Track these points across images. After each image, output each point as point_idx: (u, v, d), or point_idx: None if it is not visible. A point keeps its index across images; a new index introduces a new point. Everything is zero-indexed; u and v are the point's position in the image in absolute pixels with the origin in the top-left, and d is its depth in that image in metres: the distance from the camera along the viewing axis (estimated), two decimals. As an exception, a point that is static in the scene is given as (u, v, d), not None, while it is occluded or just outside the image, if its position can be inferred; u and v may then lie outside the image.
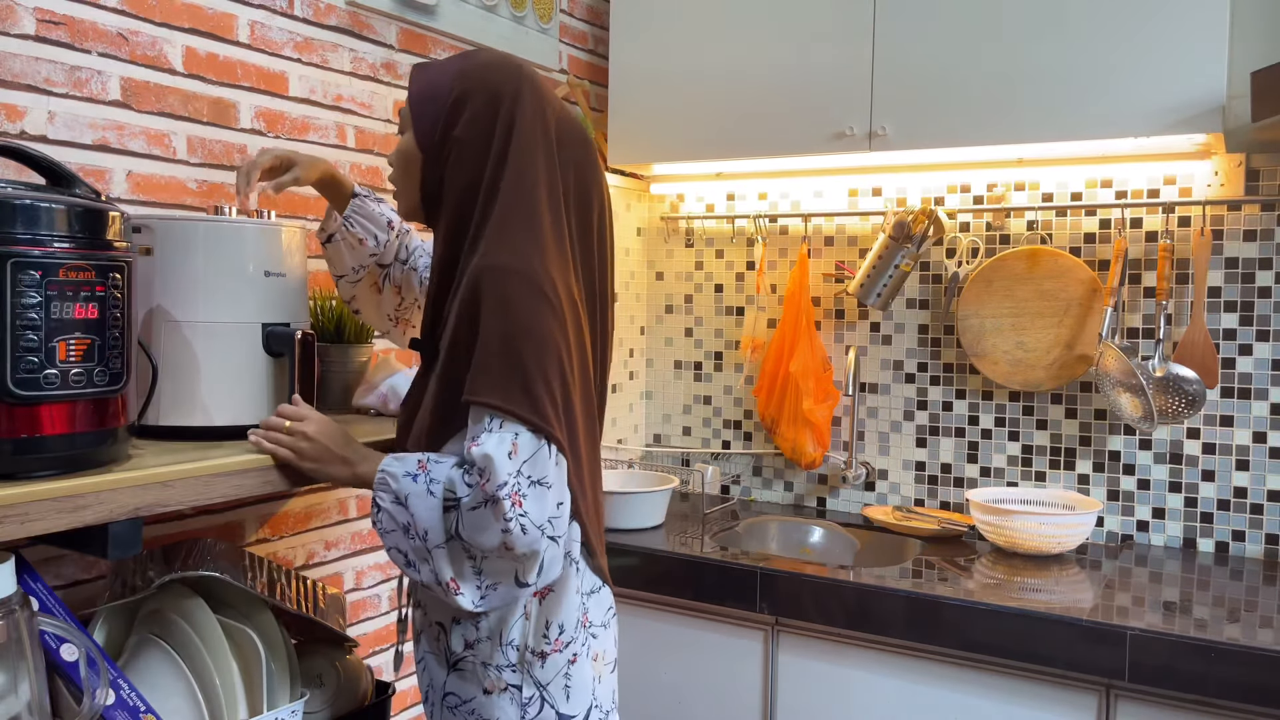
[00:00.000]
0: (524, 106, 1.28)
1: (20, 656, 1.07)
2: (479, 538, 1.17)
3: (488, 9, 2.20)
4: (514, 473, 1.15)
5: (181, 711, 1.30)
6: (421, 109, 1.31)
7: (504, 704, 1.27)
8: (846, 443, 2.47)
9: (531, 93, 1.30)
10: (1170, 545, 2.17)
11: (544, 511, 1.17)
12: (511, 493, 1.15)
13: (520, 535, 1.15)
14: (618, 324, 2.66)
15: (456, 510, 1.18)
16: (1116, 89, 1.92)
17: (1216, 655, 1.56)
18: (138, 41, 1.55)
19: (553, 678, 1.28)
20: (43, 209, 1.05)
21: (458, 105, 1.29)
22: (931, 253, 2.39)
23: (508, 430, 1.17)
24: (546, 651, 1.28)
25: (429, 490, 1.20)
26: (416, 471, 1.22)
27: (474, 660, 1.28)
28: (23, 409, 1.03)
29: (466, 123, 1.28)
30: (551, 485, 1.18)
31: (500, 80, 1.30)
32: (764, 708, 1.96)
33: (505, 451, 1.15)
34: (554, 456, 1.19)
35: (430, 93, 1.31)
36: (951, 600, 1.77)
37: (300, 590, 1.56)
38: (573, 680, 1.30)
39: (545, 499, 1.17)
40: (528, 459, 1.17)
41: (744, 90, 2.28)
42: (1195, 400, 2.05)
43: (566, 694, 1.29)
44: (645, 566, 2.06)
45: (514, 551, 1.17)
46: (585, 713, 1.31)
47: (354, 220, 1.51)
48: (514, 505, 1.15)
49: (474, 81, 1.30)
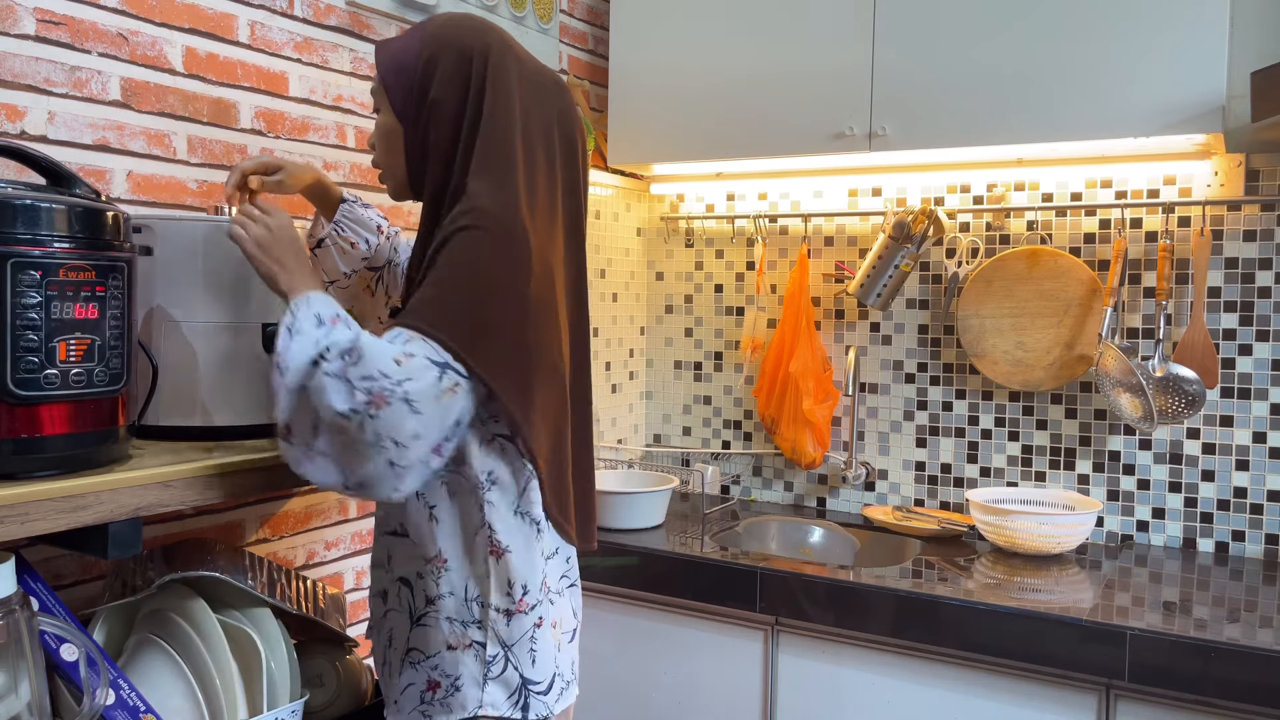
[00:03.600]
0: (494, 58, 1.30)
1: (20, 656, 1.07)
2: (321, 398, 1.14)
3: (487, 9, 2.20)
4: (389, 377, 1.12)
5: (181, 711, 1.30)
6: (395, 81, 1.32)
7: (467, 660, 1.27)
8: (846, 443, 2.47)
9: (499, 44, 1.32)
10: (1170, 545, 2.17)
11: (396, 430, 1.13)
12: (377, 393, 1.12)
13: (357, 431, 1.12)
14: (618, 324, 2.66)
15: (318, 367, 1.16)
16: (1116, 89, 1.92)
17: (1216, 655, 1.56)
18: (138, 41, 1.55)
19: (518, 639, 1.27)
20: (43, 209, 1.05)
21: (429, 68, 1.30)
22: (931, 253, 2.39)
23: (411, 345, 1.15)
24: (512, 610, 1.27)
25: (316, 341, 1.18)
26: (326, 320, 1.21)
27: (436, 615, 1.27)
28: (23, 409, 1.03)
29: (440, 83, 1.29)
30: (421, 414, 1.14)
31: (467, 36, 1.31)
32: (764, 708, 1.96)
33: (392, 355, 1.14)
34: (441, 391, 1.15)
35: (399, 63, 1.32)
36: (951, 600, 1.77)
37: (300, 590, 1.56)
38: (538, 645, 1.29)
39: (405, 422, 1.13)
40: (411, 378, 1.13)
41: (744, 90, 2.28)
42: (1195, 400, 2.05)
43: (532, 658, 1.28)
44: (645, 566, 2.06)
45: (346, 437, 1.13)
46: (549, 680, 1.30)
47: (344, 224, 1.52)
48: (371, 404, 1.11)
49: (441, 42, 1.31)
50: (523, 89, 1.31)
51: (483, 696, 1.26)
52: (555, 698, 1.31)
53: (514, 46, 1.35)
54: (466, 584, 1.27)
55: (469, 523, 1.27)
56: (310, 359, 1.16)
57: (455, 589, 1.27)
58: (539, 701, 1.29)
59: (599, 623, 2.13)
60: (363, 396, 1.11)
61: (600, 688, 2.13)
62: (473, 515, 1.27)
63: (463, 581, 1.27)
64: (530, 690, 1.28)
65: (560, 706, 1.32)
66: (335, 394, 1.12)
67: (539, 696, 1.29)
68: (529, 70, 1.34)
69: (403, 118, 1.33)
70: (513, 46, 1.34)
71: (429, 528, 1.28)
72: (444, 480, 1.27)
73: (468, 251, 1.20)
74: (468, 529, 1.27)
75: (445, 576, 1.27)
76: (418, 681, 1.29)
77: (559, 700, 1.32)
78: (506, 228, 1.21)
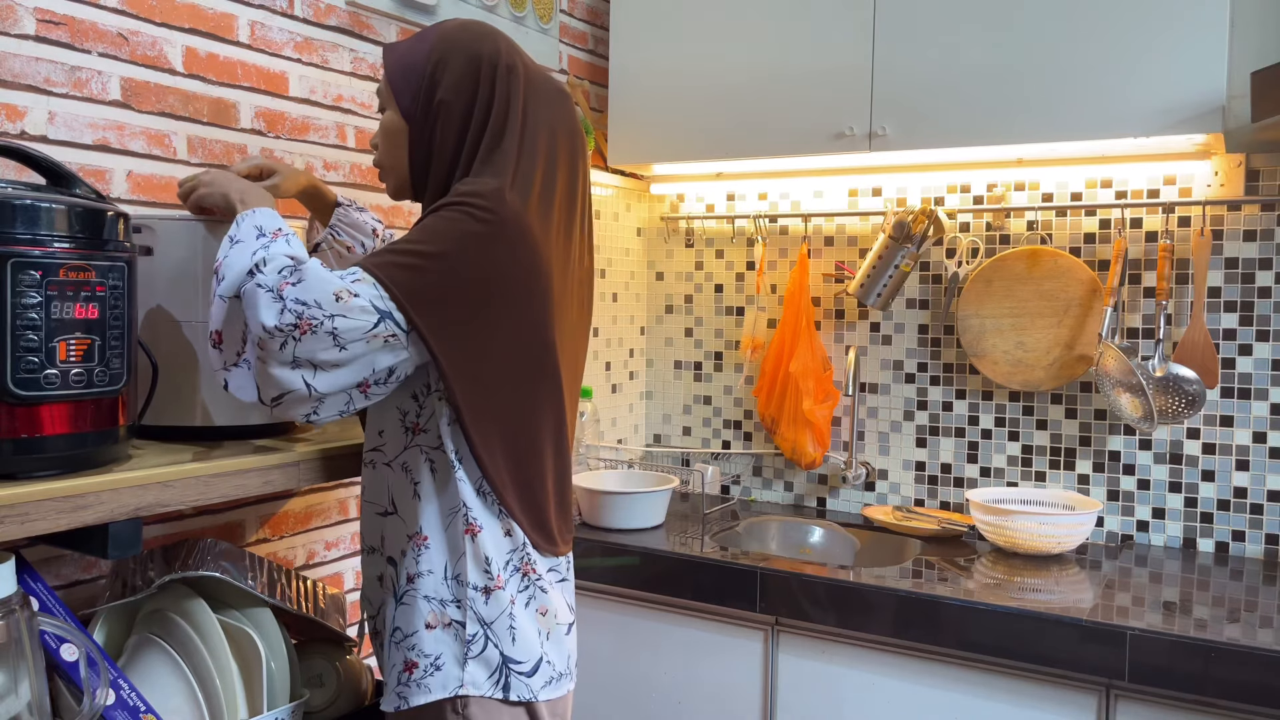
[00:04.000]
0: (502, 64, 1.33)
1: (20, 656, 1.07)
2: (251, 309, 1.15)
3: (488, 9, 2.20)
4: (321, 308, 1.14)
5: (181, 711, 1.30)
6: (403, 82, 1.34)
7: (446, 639, 1.27)
8: (846, 443, 2.47)
9: (507, 51, 1.35)
10: (1170, 545, 2.17)
11: (314, 356, 1.14)
12: (305, 318, 1.13)
13: (279, 350, 1.14)
14: (618, 324, 2.66)
15: (253, 277, 1.17)
16: (1116, 89, 1.92)
17: (1216, 655, 1.56)
18: (138, 41, 1.55)
19: (497, 616, 1.27)
20: (43, 209, 1.05)
21: (439, 70, 1.32)
22: (931, 253, 2.39)
23: (359, 286, 1.16)
24: (491, 587, 1.27)
25: (254, 251, 1.19)
26: (268, 232, 1.22)
27: (415, 593, 1.28)
28: (23, 409, 1.03)
29: (450, 85, 1.31)
30: (345, 350, 1.15)
31: (476, 43, 1.34)
32: (764, 708, 1.96)
33: (334, 289, 1.15)
34: (372, 336, 1.16)
35: (408, 64, 1.34)
36: (951, 600, 1.77)
37: (300, 590, 1.56)
38: (517, 624, 1.29)
39: (327, 352, 1.14)
40: (344, 314, 1.14)
41: (744, 90, 2.28)
42: (1195, 400, 2.05)
43: (512, 636, 1.28)
44: (645, 566, 2.06)
45: (266, 353, 1.15)
46: (535, 664, 1.30)
47: (340, 228, 1.55)
48: (296, 328, 1.13)
49: (451, 46, 1.34)
50: (528, 96, 1.33)
51: (463, 675, 1.26)
52: (541, 683, 1.30)
53: (521, 54, 1.37)
54: (445, 562, 1.28)
55: (449, 500, 1.28)
56: (246, 268, 1.18)
57: (434, 567, 1.28)
58: (521, 682, 1.28)
59: (599, 623, 2.13)
60: (290, 318, 1.13)
61: (600, 687, 2.13)
62: (452, 493, 1.27)
63: (441, 559, 1.28)
64: (512, 669, 1.28)
65: (547, 695, 1.31)
66: (266, 308, 1.14)
67: (521, 677, 1.28)
68: (535, 78, 1.36)
69: (409, 118, 1.34)
70: (520, 54, 1.37)
71: (413, 504, 1.29)
72: (427, 457, 1.28)
73: (449, 225, 1.22)
74: (447, 506, 1.28)
75: (425, 554, 1.28)
76: (397, 662, 1.29)
77: (546, 688, 1.31)
78: (493, 213, 1.22)
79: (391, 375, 1.21)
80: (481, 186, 1.25)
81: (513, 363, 1.27)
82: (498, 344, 1.25)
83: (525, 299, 1.26)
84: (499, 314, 1.24)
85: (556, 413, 1.34)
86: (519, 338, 1.27)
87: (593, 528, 2.21)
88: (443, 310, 1.20)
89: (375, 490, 1.34)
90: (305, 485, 1.34)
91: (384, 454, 1.32)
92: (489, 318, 1.23)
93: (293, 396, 1.17)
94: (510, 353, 1.27)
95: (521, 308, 1.26)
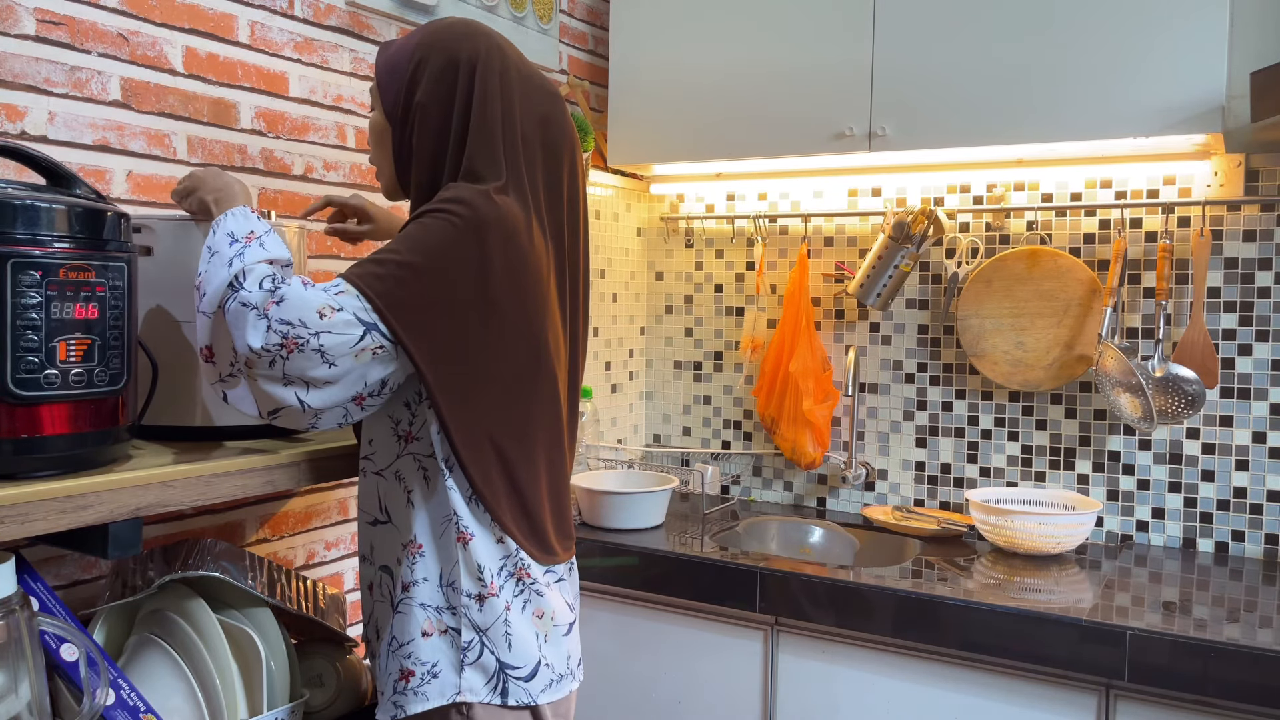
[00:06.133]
0: (482, 65, 1.31)
1: (20, 656, 1.07)
2: (236, 330, 1.15)
3: (488, 9, 2.20)
4: (307, 326, 1.14)
5: (181, 711, 1.30)
6: (387, 81, 1.35)
7: (443, 646, 1.27)
8: (846, 443, 2.47)
9: (489, 51, 1.32)
10: (1170, 545, 2.17)
11: (306, 373, 1.15)
12: (291, 338, 1.13)
13: (268, 368, 1.14)
14: (618, 324, 2.66)
15: (234, 293, 1.16)
16: (1116, 89, 1.92)
17: (1216, 655, 1.56)
18: (138, 42, 1.55)
19: (492, 623, 1.27)
20: (43, 209, 1.05)
21: (417, 71, 1.32)
22: (931, 253, 2.39)
23: (343, 299, 1.16)
24: (484, 594, 1.27)
25: (231, 261, 1.18)
26: (240, 237, 1.21)
27: (411, 601, 1.28)
28: (23, 409, 1.03)
29: (426, 88, 1.31)
30: (335, 366, 1.15)
31: (456, 43, 1.33)
32: (764, 708, 1.96)
33: (317, 305, 1.14)
34: (360, 349, 1.16)
35: (393, 64, 1.35)
36: (951, 600, 1.77)
37: (300, 590, 1.56)
38: (513, 629, 1.28)
39: (316, 369, 1.15)
40: (330, 330, 1.14)
41: (744, 90, 2.28)
42: (1195, 400, 2.05)
43: (508, 642, 1.28)
44: (645, 566, 2.06)
45: (256, 371, 1.15)
46: (533, 668, 1.29)
47: None
48: (283, 347, 1.13)
49: (431, 47, 1.33)
50: (514, 96, 1.32)
51: (460, 682, 1.26)
52: (541, 687, 1.30)
53: (509, 53, 1.35)
54: (440, 570, 1.28)
55: (440, 509, 1.27)
56: (225, 281, 1.18)
57: (429, 575, 1.28)
58: (519, 687, 1.28)
59: (599, 623, 2.13)
60: (275, 338, 1.13)
61: (600, 687, 2.13)
62: (442, 501, 1.27)
63: (436, 567, 1.28)
64: (509, 675, 1.28)
65: (547, 697, 1.31)
66: (252, 329, 1.14)
67: (519, 682, 1.28)
68: (522, 77, 1.34)
69: (391, 119, 1.35)
70: (507, 53, 1.34)
71: (406, 513, 1.29)
72: (420, 465, 1.28)
73: (430, 233, 1.21)
74: (439, 515, 1.28)
75: (420, 562, 1.28)
76: (393, 671, 1.29)
77: (546, 691, 1.31)
78: (478, 218, 1.22)
79: (384, 387, 1.21)
80: (464, 191, 1.24)
81: (503, 367, 1.26)
82: (485, 350, 1.24)
83: (513, 302, 1.25)
84: (485, 319, 1.23)
85: (553, 415, 1.34)
86: (508, 342, 1.26)
87: (593, 528, 2.21)
88: (427, 319, 1.19)
89: (366, 499, 1.34)
90: (306, 485, 1.34)
91: (373, 462, 1.32)
92: (475, 324, 1.23)
93: (287, 411, 1.18)
94: (500, 358, 1.26)
95: (510, 311, 1.25)
